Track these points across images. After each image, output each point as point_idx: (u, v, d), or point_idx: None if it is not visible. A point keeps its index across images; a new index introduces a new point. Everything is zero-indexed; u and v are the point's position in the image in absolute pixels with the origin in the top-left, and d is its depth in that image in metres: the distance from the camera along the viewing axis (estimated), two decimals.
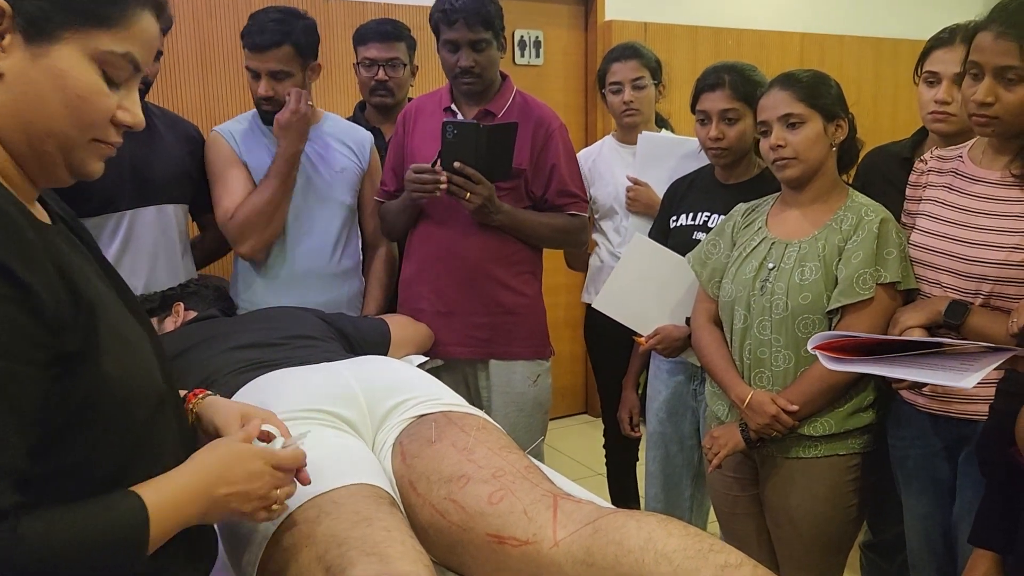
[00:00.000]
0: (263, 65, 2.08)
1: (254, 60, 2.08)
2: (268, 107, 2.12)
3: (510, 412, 2.15)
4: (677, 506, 2.21)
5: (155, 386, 0.93)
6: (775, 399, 1.68)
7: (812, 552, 1.76)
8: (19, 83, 0.82)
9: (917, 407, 1.65)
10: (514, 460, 1.33)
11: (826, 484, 1.72)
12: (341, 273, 2.25)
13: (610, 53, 2.46)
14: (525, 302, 2.18)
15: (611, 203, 2.47)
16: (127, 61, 0.86)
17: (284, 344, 1.67)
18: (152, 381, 0.93)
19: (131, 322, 0.93)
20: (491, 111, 2.13)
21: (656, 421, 2.21)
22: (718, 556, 1.07)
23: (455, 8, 2.00)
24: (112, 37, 0.85)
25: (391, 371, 1.56)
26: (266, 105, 2.12)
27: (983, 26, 1.44)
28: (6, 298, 0.76)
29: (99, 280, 0.90)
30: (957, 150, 1.66)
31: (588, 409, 4.22)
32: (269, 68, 2.08)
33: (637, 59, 2.40)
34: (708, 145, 2.01)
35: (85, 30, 0.83)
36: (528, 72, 3.79)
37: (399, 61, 2.48)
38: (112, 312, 0.88)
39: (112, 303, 0.89)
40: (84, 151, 0.87)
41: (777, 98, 1.69)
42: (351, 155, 2.27)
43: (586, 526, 1.16)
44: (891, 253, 1.63)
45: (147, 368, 0.92)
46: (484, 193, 1.99)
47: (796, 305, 1.67)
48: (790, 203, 1.77)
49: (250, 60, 2.09)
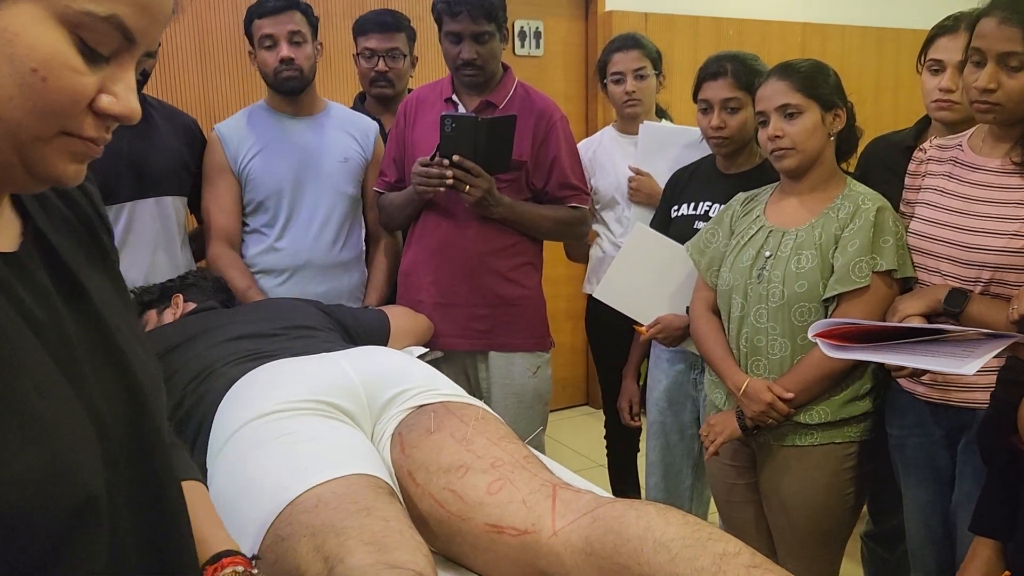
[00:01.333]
0: (281, 28, 2.09)
1: (270, 25, 2.09)
2: (289, 72, 2.12)
3: (510, 404, 2.15)
4: (677, 495, 2.22)
5: (74, 490, 0.61)
6: (771, 387, 1.68)
7: (809, 540, 1.77)
8: None
9: (916, 396, 1.64)
10: (513, 450, 1.33)
11: (822, 472, 1.72)
12: (342, 263, 2.25)
13: (611, 43, 2.45)
14: (525, 294, 2.17)
15: (612, 193, 2.47)
16: (112, 27, 0.60)
17: (283, 335, 1.67)
18: (69, 482, 0.61)
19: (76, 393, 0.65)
20: (492, 102, 2.12)
21: (656, 411, 2.21)
22: (717, 544, 1.07)
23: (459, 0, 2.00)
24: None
25: (390, 362, 1.56)
26: (287, 70, 2.12)
27: (986, 12, 1.43)
28: None
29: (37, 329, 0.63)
30: (957, 139, 1.65)
31: (589, 400, 4.22)
32: (289, 29, 2.10)
33: (639, 49, 2.39)
34: (710, 134, 2.01)
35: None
36: (528, 62, 3.78)
37: (399, 52, 2.48)
38: (25, 383, 0.60)
39: (37, 369, 0.62)
40: (46, 148, 0.61)
41: (775, 88, 1.69)
42: (355, 145, 2.27)
43: (585, 515, 1.16)
44: (887, 241, 1.62)
45: (67, 464, 0.61)
46: (484, 186, 1.98)
47: (792, 293, 1.67)
48: (788, 192, 1.77)
49: (267, 26, 2.10)
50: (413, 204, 2.11)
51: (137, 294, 1.95)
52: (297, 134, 2.21)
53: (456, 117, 1.96)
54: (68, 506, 0.60)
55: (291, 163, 2.18)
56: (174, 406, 1.47)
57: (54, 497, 0.60)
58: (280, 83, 2.15)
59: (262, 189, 2.17)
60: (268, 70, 2.14)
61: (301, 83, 2.17)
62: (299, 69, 2.13)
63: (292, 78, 2.13)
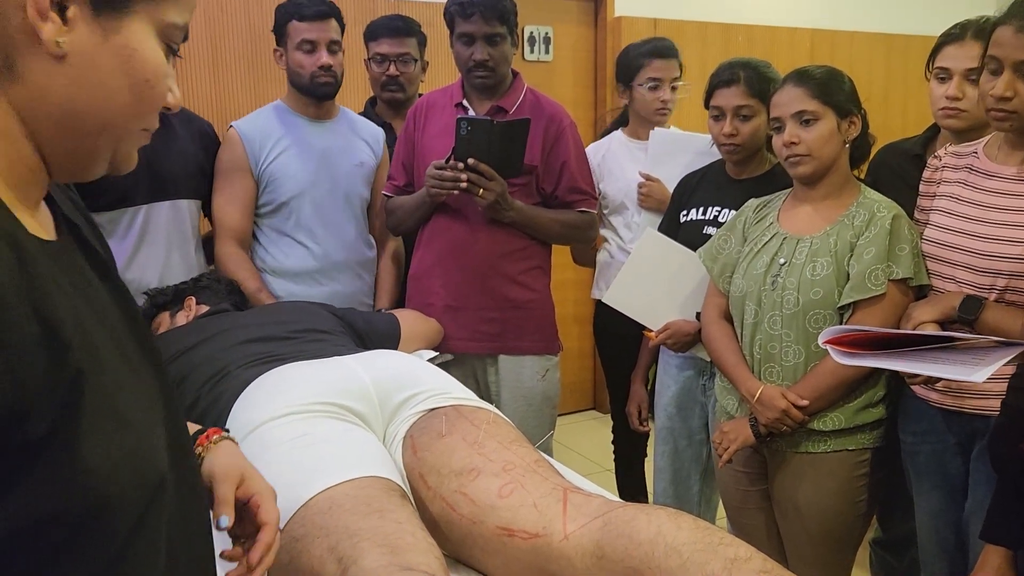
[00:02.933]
0: (323, 35, 2.13)
1: (312, 30, 2.12)
2: (327, 78, 2.16)
3: (519, 407, 2.15)
4: (686, 501, 2.22)
5: (152, 470, 0.69)
6: (785, 394, 1.68)
7: (821, 547, 1.76)
8: (83, 65, 0.65)
9: (930, 403, 1.64)
10: (524, 454, 1.33)
11: (835, 479, 1.72)
12: (361, 264, 2.29)
13: (648, 46, 2.43)
14: (534, 297, 2.18)
15: (621, 198, 2.47)
16: (182, 34, 0.72)
17: (295, 338, 1.68)
18: (150, 464, 0.69)
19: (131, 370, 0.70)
20: (503, 107, 2.13)
21: (665, 416, 2.21)
22: (728, 550, 1.07)
23: (472, 1, 2.01)
24: (176, 6, 0.70)
25: (402, 365, 1.57)
26: (325, 76, 2.15)
27: (1003, 21, 1.43)
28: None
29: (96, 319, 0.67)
30: (972, 146, 1.65)
31: (596, 405, 4.22)
32: (330, 38, 2.14)
33: (676, 59, 2.41)
34: (722, 141, 2.01)
35: None
36: (537, 68, 3.78)
37: (410, 56, 2.49)
38: (106, 374, 0.65)
39: (109, 357, 0.67)
40: (132, 142, 0.72)
41: (791, 95, 1.69)
42: (368, 149, 2.31)
43: (596, 519, 1.17)
44: (903, 249, 1.62)
45: (145, 448, 0.68)
46: (497, 189, 1.99)
47: (807, 300, 1.67)
48: (802, 199, 1.77)
49: (308, 32, 2.12)
50: (425, 207, 2.12)
51: (151, 296, 1.96)
52: (317, 137, 2.23)
53: (471, 120, 1.97)
54: (149, 485, 0.67)
55: (314, 165, 2.19)
56: (188, 407, 1.48)
57: (140, 478, 0.66)
58: (316, 88, 2.18)
59: (285, 190, 2.18)
60: (304, 72, 2.16)
61: (334, 89, 2.22)
62: (335, 76, 2.17)
63: (328, 84, 2.18)
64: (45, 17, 0.62)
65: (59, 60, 0.64)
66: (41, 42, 0.63)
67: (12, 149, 0.65)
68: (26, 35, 0.62)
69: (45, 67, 0.64)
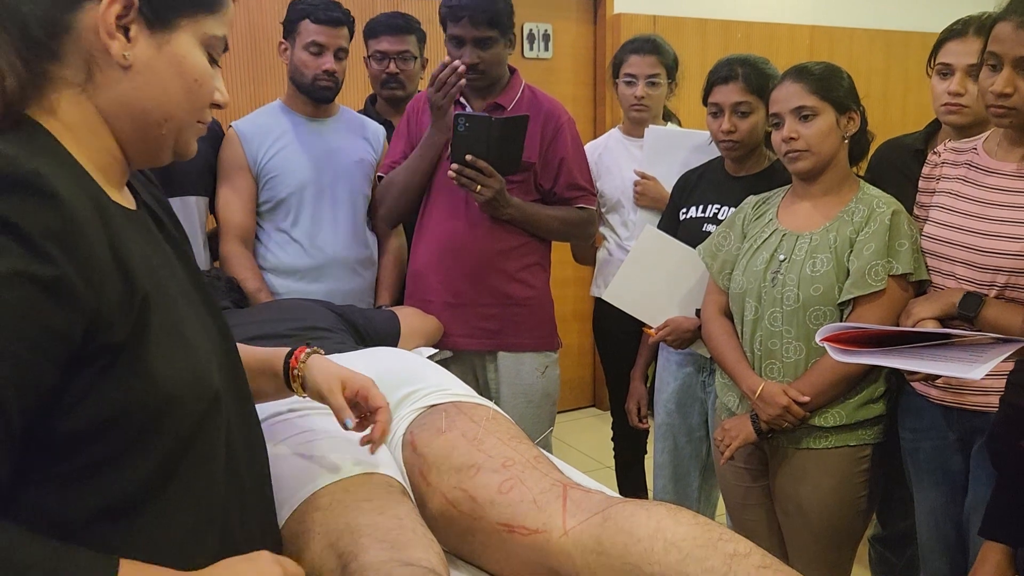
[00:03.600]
0: (334, 41, 2.15)
1: (323, 34, 2.13)
2: (328, 83, 2.17)
3: (518, 403, 2.15)
4: (685, 497, 2.22)
5: (209, 385, 0.87)
6: (786, 390, 1.68)
7: (821, 543, 1.76)
8: (146, 71, 0.83)
9: (930, 399, 1.64)
10: (523, 450, 1.33)
11: (836, 475, 1.72)
12: (361, 262, 2.29)
13: (630, 43, 2.44)
14: (533, 294, 2.18)
15: (618, 196, 2.47)
16: (223, 44, 0.90)
17: (295, 336, 1.68)
18: (206, 380, 0.87)
19: (196, 316, 0.90)
20: (501, 104, 2.13)
21: (664, 413, 2.22)
22: (727, 545, 1.07)
23: (461, 5, 2.01)
24: (215, 21, 0.88)
25: (401, 362, 1.57)
26: (327, 81, 2.17)
27: (1003, 16, 1.43)
28: (34, 280, 0.70)
29: (168, 271, 0.88)
30: (972, 142, 1.65)
31: (596, 402, 4.22)
32: (338, 45, 2.16)
33: (656, 55, 2.39)
34: (720, 138, 2.01)
35: (197, 16, 0.87)
36: (537, 65, 3.78)
37: (410, 54, 2.49)
38: (172, 306, 0.85)
39: (175, 296, 0.86)
40: (190, 132, 0.90)
41: (790, 90, 1.69)
42: (367, 147, 2.31)
43: (596, 515, 1.16)
44: (903, 245, 1.62)
45: (202, 366, 0.87)
46: (495, 186, 1.99)
47: (807, 297, 1.67)
48: (801, 195, 1.77)
49: (318, 35, 2.13)
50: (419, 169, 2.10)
51: None
52: (316, 135, 2.23)
53: (469, 116, 1.96)
54: (206, 397, 0.87)
55: (312, 163, 2.19)
56: None
57: (197, 389, 0.86)
58: (315, 91, 2.18)
59: (283, 187, 2.18)
60: (307, 73, 2.16)
61: (333, 95, 2.23)
62: (336, 81, 2.18)
63: (329, 89, 2.19)
64: (113, 36, 0.81)
65: (126, 69, 0.83)
66: (111, 56, 0.81)
67: (98, 141, 0.84)
68: (100, 52, 0.81)
69: (117, 75, 0.82)
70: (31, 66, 0.79)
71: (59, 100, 0.81)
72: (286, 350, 1.20)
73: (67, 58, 0.81)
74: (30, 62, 0.79)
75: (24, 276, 0.70)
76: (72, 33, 0.80)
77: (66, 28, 0.80)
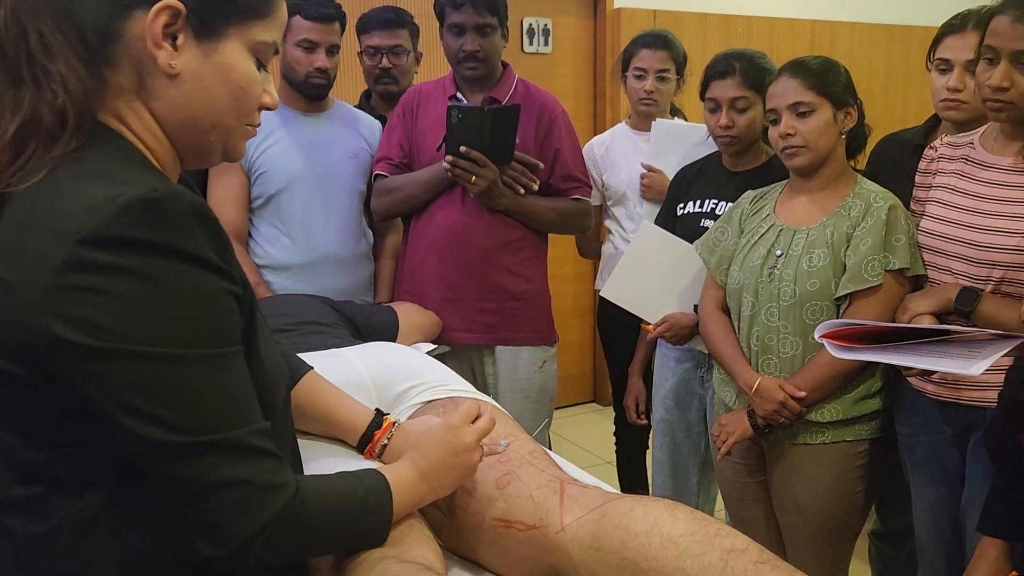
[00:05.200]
0: (325, 38, 2.14)
1: (315, 32, 2.12)
2: (320, 80, 2.16)
3: (516, 398, 2.15)
4: (684, 493, 2.22)
5: (284, 375, 0.98)
6: (783, 385, 1.68)
7: (819, 538, 1.77)
8: (193, 80, 0.84)
9: (926, 394, 1.64)
10: (519, 445, 1.33)
11: (833, 470, 1.72)
12: (356, 258, 2.27)
13: (641, 38, 2.44)
14: (531, 288, 2.18)
15: (624, 190, 2.47)
16: (272, 49, 0.91)
17: (293, 330, 1.68)
18: (283, 371, 0.98)
19: None
20: (496, 98, 2.13)
21: (663, 409, 2.22)
22: (724, 540, 1.07)
23: None
24: (264, 28, 0.88)
25: (399, 357, 1.57)
26: (319, 78, 2.16)
27: (999, 10, 1.43)
28: (228, 291, 0.81)
29: None
30: (968, 137, 1.65)
31: (596, 398, 4.22)
32: (331, 41, 2.15)
33: (667, 50, 2.39)
34: (718, 133, 2.00)
35: (245, 24, 0.86)
36: (536, 60, 3.78)
37: (403, 48, 2.48)
38: (257, 309, 0.91)
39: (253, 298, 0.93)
40: (238, 136, 0.91)
41: (787, 86, 1.69)
42: (362, 142, 2.29)
43: (592, 511, 1.16)
44: (900, 240, 1.62)
45: (280, 360, 0.97)
46: (489, 176, 2.00)
47: (804, 292, 1.67)
48: (798, 190, 1.77)
49: (310, 32, 2.12)
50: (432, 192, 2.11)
51: None
52: (308, 130, 2.21)
53: (462, 108, 1.98)
54: (284, 384, 0.98)
55: (304, 158, 2.18)
56: None
57: (280, 376, 0.96)
58: (308, 88, 2.18)
59: (273, 183, 2.16)
60: (299, 71, 2.16)
61: (326, 91, 2.22)
62: (328, 78, 2.18)
63: (321, 86, 2.18)
64: (159, 46, 0.81)
65: (173, 78, 0.83)
66: (158, 65, 0.82)
67: (157, 143, 0.86)
68: (150, 61, 0.82)
69: (165, 83, 0.83)
70: (91, 70, 0.80)
71: (123, 108, 0.83)
72: (367, 414, 1.26)
73: (120, 65, 0.82)
74: (89, 66, 0.80)
75: (228, 293, 0.82)
76: (122, 40, 0.81)
77: (117, 35, 0.81)
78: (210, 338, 0.79)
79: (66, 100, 0.78)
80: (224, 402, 0.81)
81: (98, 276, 0.74)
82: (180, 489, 0.80)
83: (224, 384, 0.81)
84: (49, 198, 0.77)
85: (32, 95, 0.79)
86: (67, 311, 0.74)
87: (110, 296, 0.74)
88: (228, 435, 0.80)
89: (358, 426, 1.25)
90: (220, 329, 0.81)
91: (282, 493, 0.84)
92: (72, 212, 0.75)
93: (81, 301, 0.74)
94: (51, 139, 0.79)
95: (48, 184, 0.78)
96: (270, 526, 0.82)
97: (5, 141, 0.79)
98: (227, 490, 0.80)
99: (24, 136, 0.79)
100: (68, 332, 0.73)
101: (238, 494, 0.81)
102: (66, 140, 0.79)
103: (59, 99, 0.78)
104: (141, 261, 0.75)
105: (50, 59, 0.78)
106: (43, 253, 0.74)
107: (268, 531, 0.82)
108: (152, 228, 0.75)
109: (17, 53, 0.79)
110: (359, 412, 1.27)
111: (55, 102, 0.78)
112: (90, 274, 0.74)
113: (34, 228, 0.76)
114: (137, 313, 0.75)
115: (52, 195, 0.77)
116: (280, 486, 0.84)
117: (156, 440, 0.77)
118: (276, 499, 0.83)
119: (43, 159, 0.78)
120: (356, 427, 1.25)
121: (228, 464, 0.80)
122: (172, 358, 0.77)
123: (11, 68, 0.79)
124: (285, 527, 0.83)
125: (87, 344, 0.74)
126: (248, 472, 0.81)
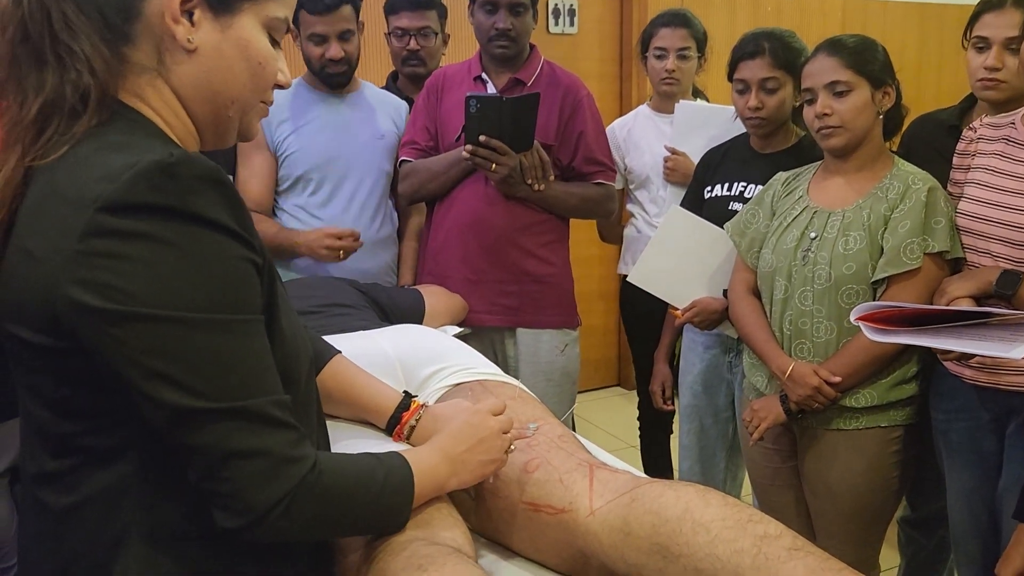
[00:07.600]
0: (332, 28, 2.11)
1: (321, 24, 2.10)
2: (337, 68, 2.14)
3: (538, 382, 2.14)
4: (711, 478, 2.21)
5: (308, 351, 0.98)
6: (817, 370, 1.66)
7: (851, 524, 1.75)
8: (211, 55, 0.86)
9: (963, 379, 1.61)
10: (548, 429, 1.32)
11: (867, 456, 1.70)
12: (382, 240, 2.27)
13: (659, 17, 2.42)
14: (553, 271, 2.17)
15: (647, 173, 2.44)
16: (285, 25, 0.92)
17: (320, 312, 1.68)
18: (307, 346, 0.98)
19: None
20: (521, 79, 2.13)
21: (691, 394, 2.20)
22: (757, 527, 1.06)
23: None
24: (277, 3, 0.90)
25: (427, 340, 1.56)
26: (335, 67, 2.14)
27: None
28: (247, 259, 0.81)
29: None
30: (1009, 117, 1.61)
31: (621, 381, 4.21)
32: (340, 29, 2.12)
33: (687, 28, 2.36)
34: (747, 115, 1.97)
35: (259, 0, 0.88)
36: (562, 41, 3.74)
37: (430, 30, 2.47)
38: (279, 288, 0.91)
39: None
40: (254, 113, 0.93)
41: (824, 64, 1.65)
42: (390, 123, 2.29)
43: (623, 495, 1.15)
44: (939, 222, 1.59)
45: (304, 336, 0.98)
46: (510, 164, 1.99)
47: (840, 275, 1.64)
48: (833, 171, 1.73)
49: (316, 25, 2.10)
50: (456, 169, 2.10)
51: None
52: (335, 111, 2.21)
53: (480, 97, 1.97)
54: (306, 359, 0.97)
55: (331, 139, 2.18)
56: None
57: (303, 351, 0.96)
58: (328, 78, 2.17)
59: (300, 164, 2.16)
60: (314, 63, 2.15)
61: (346, 78, 2.20)
62: (348, 64, 2.16)
63: (339, 74, 2.16)
64: (178, 21, 0.83)
65: (191, 53, 0.85)
66: (177, 40, 0.83)
67: (177, 119, 0.88)
68: (168, 37, 0.84)
69: (183, 59, 0.85)
70: (112, 49, 0.82)
71: (143, 85, 0.85)
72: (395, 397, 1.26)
73: (140, 42, 0.83)
74: (111, 45, 0.82)
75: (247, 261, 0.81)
76: (142, 18, 0.83)
77: (137, 13, 0.82)
78: (229, 303, 0.79)
79: (89, 79, 0.80)
80: (243, 370, 0.81)
81: (117, 241, 0.75)
82: (198, 458, 0.80)
83: (243, 352, 0.81)
84: (71, 170, 0.79)
85: (55, 75, 0.80)
86: (87, 276, 0.75)
87: (129, 261, 0.75)
88: (247, 403, 0.80)
89: (386, 408, 1.24)
90: (240, 295, 0.81)
91: (301, 466, 0.83)
92: (92, 181, 0.76)
93: (101, 267, 0.75)
94: (74, 116, 0.80)
95: (70, 158, 0.80)
96: (287, 498, 0.82)
97: (29, 120, 0.81)
98: (245, 460, 0.80)
99: (48, 114, 0.81)
100: (88, 297, 0.74)
101: (256, 464, 0.80)
102: (88, 117, 0.81)
103: (83, 78, 0.80)
104: (159, 225, 0.75)
105: (74, 39, 0.80)
106: (65, 222, 0.76)
107: (285, 503, 0.82)
108: (167, 192, 0.76)
109: (41, 35, 0.80)
110: (387, 394, 1.26)
111: (79, 81, 0.80)
112: (109, 240, 0.74)
113: (56, 200, 0.78)
114: (155, 277, 0.75)
115: (74, 167, 0.79)
116: (299, 459, 0.83)
117: (174, 404, 0.77)
118: (294, 471, 0.82)
119: (66, 135, 0.80)
120: (384, 409, 1.25)
121: (246, 433, 0.80)
122: (191, 322, 0.77)
123: (35, 49, 0.81)
124: (303, 501, 0.83)
125: (106, 308, 0.74)
126: (266, 443, 0.81)
